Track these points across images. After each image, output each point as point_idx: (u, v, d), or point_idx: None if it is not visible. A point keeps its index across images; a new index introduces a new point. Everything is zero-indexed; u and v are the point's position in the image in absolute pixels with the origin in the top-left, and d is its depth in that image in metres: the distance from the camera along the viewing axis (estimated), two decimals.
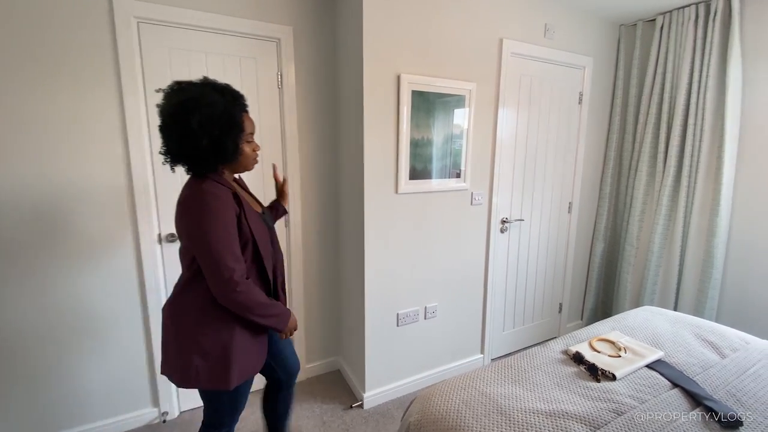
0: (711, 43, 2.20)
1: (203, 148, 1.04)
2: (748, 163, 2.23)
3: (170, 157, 1.08)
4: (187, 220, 1.06)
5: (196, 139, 1.03)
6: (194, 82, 1.09)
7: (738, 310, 2.32)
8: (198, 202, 1.04)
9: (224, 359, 1.10)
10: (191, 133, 1.02)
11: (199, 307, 1.10)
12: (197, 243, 1.04)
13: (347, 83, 1.97)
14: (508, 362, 1.40)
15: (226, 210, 1.05)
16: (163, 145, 1.08)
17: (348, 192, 2.09)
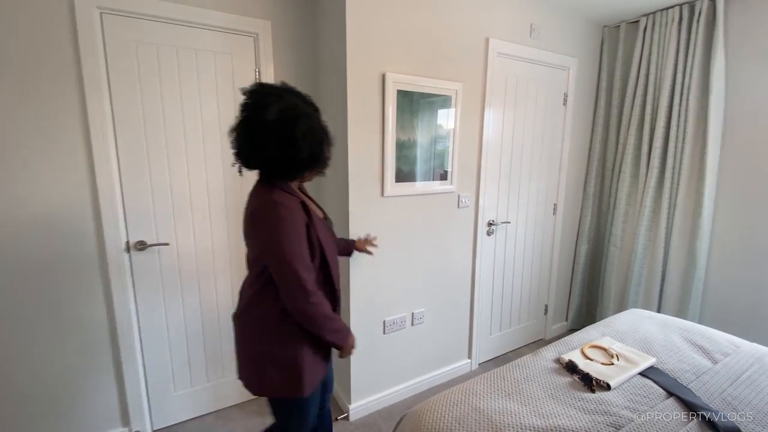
0: (695, 45, 2.21)
1: (302, 159, 1.05)
2: (730, 165, 2.26)
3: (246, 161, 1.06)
4: (259, 231, 1.05)
5: (297, 150, 1.03)
6: (282, 87, 1.08)
7: (721, 310, 2.34)
8: (271, 213, 1.02)
9: (297, 368, 1.11)
10: (294, 143, 1.02)
11: (271, 318, 1.10)
12: (271, 254, 1.03)
13: (329, 81, 1.88)
14: (500, 373, 1.35)
15: (298, 221, 1.05)
16: (249, 150, 1.03)
17: (331, 195, 2.00)
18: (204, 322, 1.94)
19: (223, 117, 1.83)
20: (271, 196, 1.05)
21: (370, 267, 1.92)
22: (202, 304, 1.92)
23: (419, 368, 2.23)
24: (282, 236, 1.01)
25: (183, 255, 1.83)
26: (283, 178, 1.09)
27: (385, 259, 1.96)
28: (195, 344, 1.93)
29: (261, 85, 1.08)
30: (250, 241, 1.11)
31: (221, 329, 1.98)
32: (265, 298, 1.10)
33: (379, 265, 1.95)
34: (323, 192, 2.09)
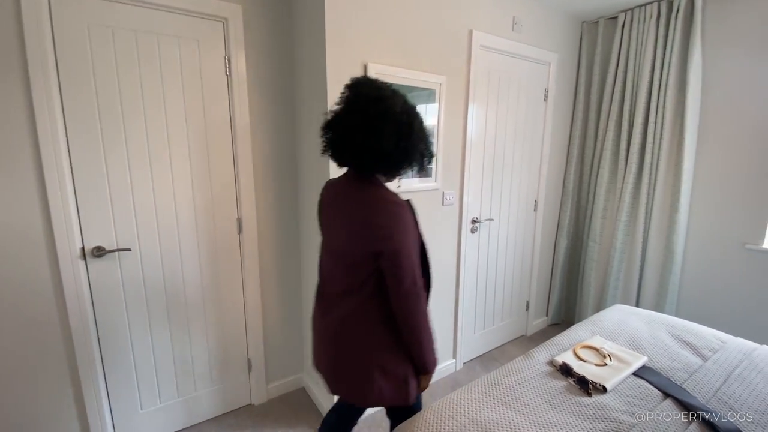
0: (672, 41, 2.23)
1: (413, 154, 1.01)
2: (705, 160, 2.30)
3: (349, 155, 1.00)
4: (375, 232, 0.97)
5: (412, 145, 1.00)
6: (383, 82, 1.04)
7: (695, 303, 2.40)
8: (386, 212, 0.97)
9: (404, 375, 1.08)
10: (410, 137, 0.99)
11: (379, 327, 1.05)
12: (391, 254, 0.96)
13: (307, 71, 1.76)
14: (493, 378, 1.29)
15: (411, 219, 1.01)
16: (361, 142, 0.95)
17: (311, 194, 1.88)
18: (172, 332, 1.78)
19: (191, 110, 1.67)
20: (380, 193, 1.01)
21: None
22: (169, 313, 1.76)
23: None
24: (402, 235, 0.97)
25: (147, 261, 1.67)
26: (387, 173, 1.05)
27: None
28: (163, 356, 1.77)
29: (369, 78, 1.05)
30: (355, 242, 1.00)
31: (192, 339, 1.83)
32: (371, 307, 1.04)
33: None
34: (302, 189, 1.97)
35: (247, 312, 1.96)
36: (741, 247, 2.21)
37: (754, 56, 2.07)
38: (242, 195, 1.85)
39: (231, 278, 1.90)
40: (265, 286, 2.01)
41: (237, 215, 1.87)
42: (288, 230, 2.03)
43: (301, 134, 1.91)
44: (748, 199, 2.16)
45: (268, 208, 1.95)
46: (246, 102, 1.79)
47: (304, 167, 1.92)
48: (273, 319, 2.07)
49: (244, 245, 1.89)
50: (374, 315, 1.04)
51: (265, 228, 1.96)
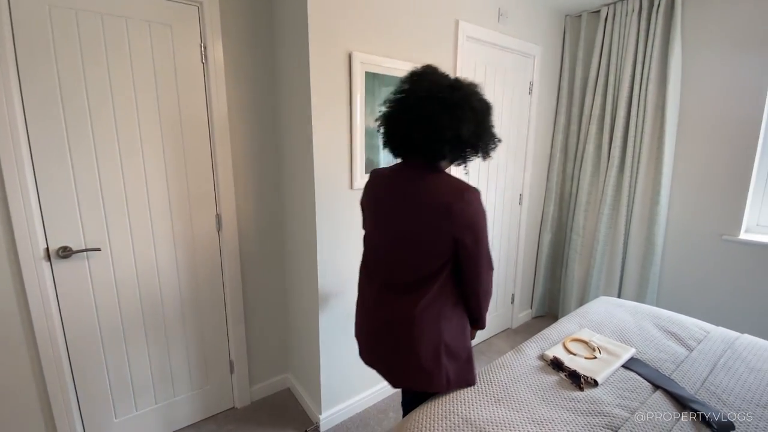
0: (654, 35, 2.25)
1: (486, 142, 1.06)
2: (683, 153, 2.35)
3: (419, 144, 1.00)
4: (458, 220, 0.98)
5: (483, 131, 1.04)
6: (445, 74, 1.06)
7: (675, 293, 2.46)
8: (466, 199, 0.98)
9: (468, 358, 1.14)
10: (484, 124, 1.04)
11: (450, 313, 1.08)
12: (471, 240, 1.00)
13: (289, 60, 1.68)
14: (485, 375, 1.26)
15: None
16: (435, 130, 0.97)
17: (294, 188, 1.81)
18: (148, 335, 1.69)
19: (165, 101, 1.57)
20: (457, 180, 1.02)
21: (339, 265, 1.77)
22: (144, 315, 1.66)
23: None
24: (482, 220, 1.01)
25: (119, 261, 1.57)
26: (457, 160, 1.07)
27: (356, 256, 1.82)
28: (138, 361, 1.68)
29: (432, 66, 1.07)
30: (435, 230, 0.99)
31: (169, 342, 1.74)
32: (444, 293, 1.06)
33: (349, 263, 1.80)
34: (285, 184, 1.90)
35: (228, 312, 1.88)
36: (718, 239, 2.26)
37: (732, 51, 2.11)
38: (221, 190, 1.76)
39: (210, 277, 1.81)
40: (248, 285, 1.93)
41: (216, 211, 1.78)
42: (271, 226, 1.96)
43: (283, 127, 1.83)
44: (724, 192, 2.22)
45: (250, 204, 1.87)
46: (224, 93, 1.70)
47: (286, 162, 1.84)
48: (256, 318, 1.99)
49: (224, 242, 1.81)
50: (449, 299, 1.07)
51: (247, 224, 1.88)
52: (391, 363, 1.11)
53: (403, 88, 1.02)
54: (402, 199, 1.05)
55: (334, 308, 1.79)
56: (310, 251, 1.72)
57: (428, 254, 1.02)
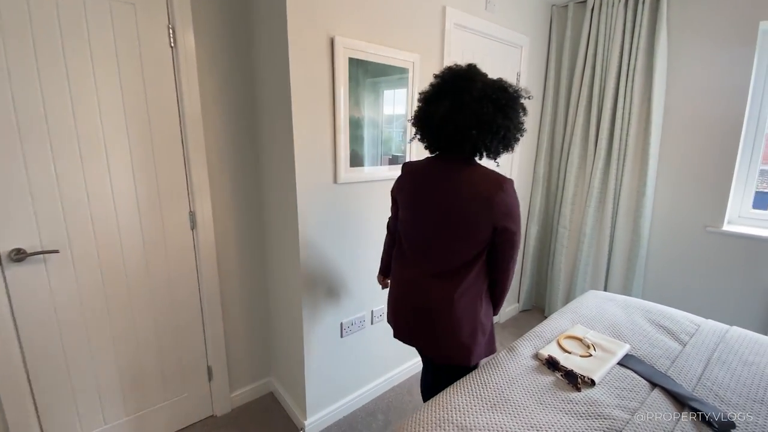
0: (640, 27, 2.23)
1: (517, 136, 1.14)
2: (669, 146, 2.34)
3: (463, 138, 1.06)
4: (499, 209, 1.06)
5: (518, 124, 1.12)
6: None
7: (661, 284, 2.47)
8: (506, 190, 1.07)
9: (492, 332, 1.26)
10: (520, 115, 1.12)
11: (484, 291, 1.20)
12: (509, 228, 1.09)
13: (267, 45, 1.57)
14: (478, 377, 1.20)
15: None
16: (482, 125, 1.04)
17: (274, 183, 1.70)
18: (116, 343, 1.56)
19: (129, 89, 1.44)
20: (494, 172, 1.10)
21: (323, 263, 1.68)
22: (112, 320, 1.54)
23: (380, 369, 2.06)
24: (517, 209, 1.10)
25: (82, 263, 1.44)
26: (495, 156, 1.14)
27: (340, 254, 1.73)
28: (106, 371, 1.55)
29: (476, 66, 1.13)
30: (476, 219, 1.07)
31: (140, 349, 1.62)
32: (480, 278, 1.17)
33: (333, 262, 1.71)
34: (265, 179, 1.79)
35: (205, 314, 1.77)
36: (702, 230, 2.28)
37: (717, 44, 2.10)
38: (195, 187, 1.64)
39: (184, 278, 1.69)
40: (226, 286, 1.82)
41: (189, 209, 1.66)
42: (250, 224, 1.85)
43: (262, 118, 1.71)
44: (709, 184, 2.23)
45: (226, 201, 1.75)
46: (195, 80, 1.57)
47: (266, 155, 1.73)
48: (235, 321, 1.88)
49: (199, 242, 1.69)
50: (484, 283, 1.19)
51: (223, 222, 1.76)
52: (432, 341, 1.20)
53: (458, 86, 1.06)
54: (443, 192, 1.11)
55: (318, 309, 1.70)
56: (292, 250, 1.62)
57: (468, 243, 1.11)
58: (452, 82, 1.08)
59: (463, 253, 1.12)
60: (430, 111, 1.10)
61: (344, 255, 1.75)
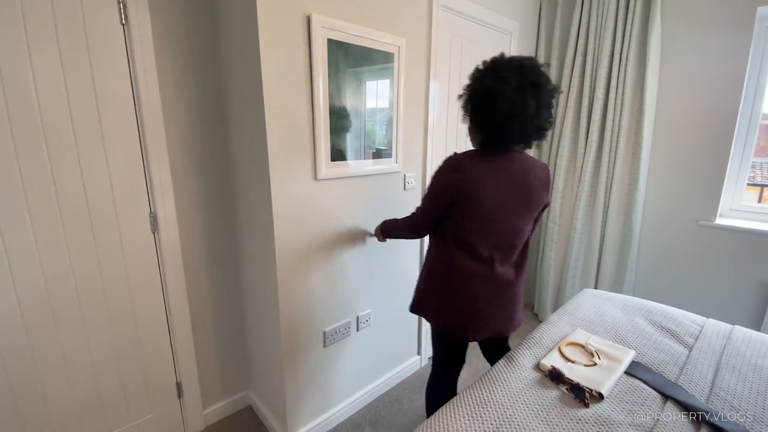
0: (633, 14, 2.14)
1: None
2: (661, 138, 2.28)
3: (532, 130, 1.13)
4: (547, 189, 1.25)
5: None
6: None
7: (652, 279, 2.42)
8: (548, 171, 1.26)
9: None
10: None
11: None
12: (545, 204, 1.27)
13: (232, 23, 1.39)
14: (478, 394, 1.09)
15: None
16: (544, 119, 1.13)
17: (247, 180, 1.53)
18: (68, 361, 1.37)
19: (71, 71, 1.24)
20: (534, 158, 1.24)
21: (303, 268, 1.53)
22: (61, 336, 1.35)
23: (366, 377, 1.93)
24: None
25: (20, 270, 1.24)
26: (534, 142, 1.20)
27: (322, 257, 1.58)
28: (58, 393, 1.36)
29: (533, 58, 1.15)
30: (539, 199, 1.22)
31: (97, 368, 1.44)
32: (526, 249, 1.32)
33: (314, 265, 1.56)
34: (235, 172, 1.61)
35: (172, 325, 1.59)
36: (694, 224, 2.23)
37: (712, 33, 2.03)
38: (155, 185, 1.45)
39: (146, 286, 1.51)
40: (194, 294, 1.65)
41: (150, 209, 1.48)
42: (220, 225, 1.67)
43: (230, 106, 1.54)
44: (701, 176, 2.18)
45: (193, 200, 1.58)
46: (153, 64, 1.38)
47: (236, 148, 1.56)
48: (206, 332, 1.71)
49: (163, 245, 1.51)
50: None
51: (190, 224, 1.58)
52: (506, 320, 1.29)
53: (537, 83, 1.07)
54: (522, 180, 1.17)
55: (298, 317, 1.55)
56: (268, 254, 1.46)
57: (533, 219, 1.26)
58: (533, 78, 1.07)
59: (526, 234, 1.27)
60: (515, 108, 1.06)
61: (326, 258, 1.60)
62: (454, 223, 1.19)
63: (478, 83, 1.13)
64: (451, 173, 1.14)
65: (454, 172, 1.13)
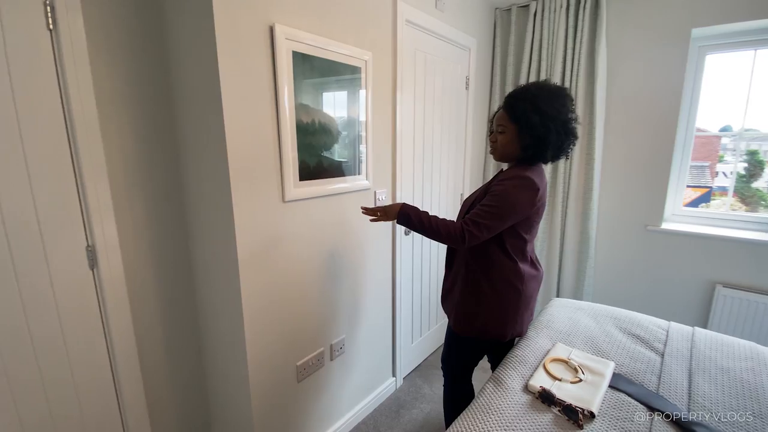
0: (582, 32, 2.26)
1: None
2: (610, 149, 2.42)
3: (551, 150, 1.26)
4: None
5: None
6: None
7: (608, 285, 2.55)
8: None
9: None
10: None
11: None
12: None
13: (187, 31, 1.25)
14: (473, 425, 1.03)
15: None
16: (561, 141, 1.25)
17: (203, 203, 1.38)
18: None
19: None
20: None
21: (271, 301, 1.39)
22: None
23: (342, 407, 1.81)
24: None
25: None
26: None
27: (293, 284, 1.46)
28: None
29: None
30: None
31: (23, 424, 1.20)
32: None
33: (284, 295, 1.44)
34: (190, 197, 1.45)
35: (118, 379, 1.37)
36: (643, 229, 2.38)
37: (652, 49, 2.20)
38: (93, 212, 1.25)
39: (86, 336, 1.29)
40: (145, 338, 1.44)
41: (86, 241, 1.27)
42: (174, 254, 1.49)
43: (183, 124, 1.38)
44: (647, 184, 2.33)
45: (140, 229, 1.39)
46: (88, 75, 1.20)
47: (191, 169, 1.40)
48: (160, 379, 1.51)
49: (104, 283, 1.30)
50: None
51: (137, 257, 1.39)
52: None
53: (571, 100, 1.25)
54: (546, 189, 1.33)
55: (268, 351, 1.41)
56: (232, 288, 1.31)
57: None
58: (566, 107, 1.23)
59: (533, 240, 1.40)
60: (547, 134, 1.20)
61: (297, 286, 1.48)
62: (514, 234, 1.28)
63: (567, 112, 1.23)
64: (530, 192, 1.22)
65: (532, 191, 1.22)
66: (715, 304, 2.18)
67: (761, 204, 2.27)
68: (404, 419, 1.94)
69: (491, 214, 1.20)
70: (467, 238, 1.19)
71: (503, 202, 1.20)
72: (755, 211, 2.27)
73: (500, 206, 1.20)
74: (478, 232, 1.19)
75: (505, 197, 1.20)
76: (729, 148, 2.36)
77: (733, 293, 2.12)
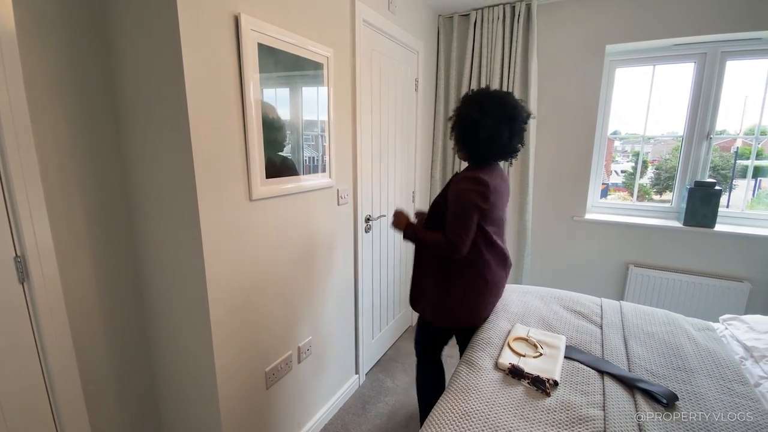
0: (517, 43, 2.48)
1: None
2: (542, 149, 2.69)
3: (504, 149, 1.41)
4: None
5: None
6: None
7: (542, 270, 2.83)
8: None
9: None
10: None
11: None
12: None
13: (137, 18, 1.14)
14: (458, 407, 1.10)
15: None
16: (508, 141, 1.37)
17: (162, 205, 1.26)
18: None
19: None
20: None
21: (239, 303, 1.33)
22: None
23: (310, 409, 1.78)
24: None
25: None
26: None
27: (262, 285, 1.40)
28: None
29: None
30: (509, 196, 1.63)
31: None
32: None
33: (251, 300, 1.37)
34: (137, 196, 1.31)
35: (56, 407, 1.20)
36: (570, 220, 2.69)
37: (574, 62, 2.50)
38: (23, 218, 1.08)
39: (18, 361, 1.11)
40: (87, 358, 1.28)
41: (14, 252, 1.09)
42: (119, 261, 1.34)
43: (132, 116, 1.25)
44: (572, 180, 2.64)
45: (79, 234, 1.23)
46: (19, 71, 1.03)
47: (144, 166, 1.27)
48: (107, 403, 1.35)
49: (37, 298, 1.13)
50: None
51: (78, 267, 1.23)
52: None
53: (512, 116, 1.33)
54: (502, 182, 1.46)
55: (235, 359, 1.34)
56: (196, 291, 1.22)
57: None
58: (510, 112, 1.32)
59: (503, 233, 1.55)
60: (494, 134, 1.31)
61: (265, 287, 1.42)
62: (481, 229, 1.38)
63: (465, 111, 1.33)
64: (478, 189, 1.32)
65: (481, 188, 1.32)
66: (629, 281, 2.54)
67: (646, 198, 2.71)
68: (371, 414, 1.96)
69: (458, 221, 1.34)
70: (455, 246, 1.33)
71: (460, 206, 1.33)
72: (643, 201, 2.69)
73: (460, 211, 1.33)
74: (457, 240, 1.33)
75: (459, 200, 1.33)
76: (619, 149, 2.81)
77: (642, 271, 2.50)
